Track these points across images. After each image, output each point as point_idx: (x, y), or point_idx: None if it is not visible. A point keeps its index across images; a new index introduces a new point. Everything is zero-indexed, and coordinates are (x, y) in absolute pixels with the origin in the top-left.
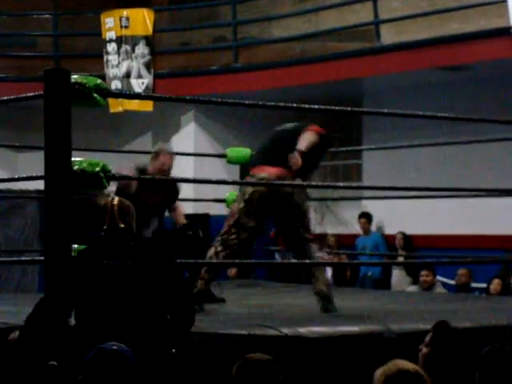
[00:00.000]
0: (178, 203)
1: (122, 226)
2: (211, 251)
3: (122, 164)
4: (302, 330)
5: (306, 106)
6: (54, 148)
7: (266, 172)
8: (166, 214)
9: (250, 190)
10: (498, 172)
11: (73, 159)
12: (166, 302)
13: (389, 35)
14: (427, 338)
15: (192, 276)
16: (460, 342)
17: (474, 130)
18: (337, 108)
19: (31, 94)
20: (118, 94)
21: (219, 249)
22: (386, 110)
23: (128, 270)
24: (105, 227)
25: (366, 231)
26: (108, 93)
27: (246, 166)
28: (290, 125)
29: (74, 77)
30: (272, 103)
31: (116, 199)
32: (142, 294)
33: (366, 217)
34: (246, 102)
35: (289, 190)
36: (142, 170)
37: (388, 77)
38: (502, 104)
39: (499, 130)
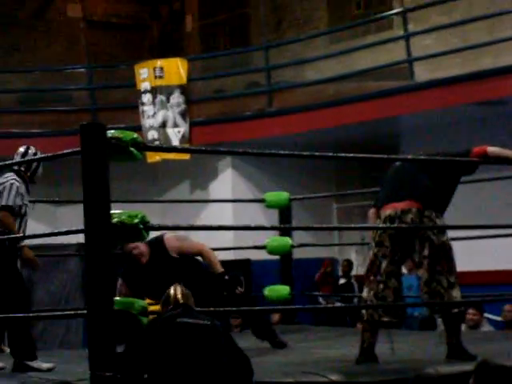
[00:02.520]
0: (199, 247)
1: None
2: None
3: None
4: (350, 376)
5: (343, 154)
6: (93, 202)
7: (391, 208)
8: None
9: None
10: None
11: (112, 212)
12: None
13: (423, 72)
14: (471, 380)
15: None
16: (506, 380)
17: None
18: (367, 156)
19: (68, 151)
20: (155, 148)
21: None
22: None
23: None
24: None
25: (411, 270)
26: (145, 147)
27: (285, 210)
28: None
29: (111, 131)
30: (306, 153)
31: (178, 287)
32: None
33: None
34: (281, 152)
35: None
36: None
37: (424, 114)
38: None
39: None
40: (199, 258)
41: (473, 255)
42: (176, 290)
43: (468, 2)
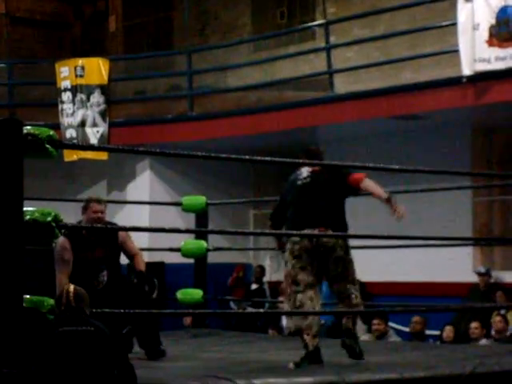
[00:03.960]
0: (137, 250)
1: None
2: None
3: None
4: (257, 382)
5: (258, 157)
6: (5, 199)
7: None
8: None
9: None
10: (452, 220)
11: (24, 209)
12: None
13: (343, 84)
14: None
15: (136, 327)
16: None
17: (427, 178)
18: (288, 160)
19: None
20: (71, 145)
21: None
22: (335, 162)
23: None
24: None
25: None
26: (61, 144)
27: (201, 214)
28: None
29: (27, 128)
30: (225, 155)
31: (72, 286)
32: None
33: None
34: (199, 153)
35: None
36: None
37: (342, 125)
38: (456, 152)
39: (455, 179)
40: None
41: (384, 265)
42: (68, 292)
43: (390, 16)
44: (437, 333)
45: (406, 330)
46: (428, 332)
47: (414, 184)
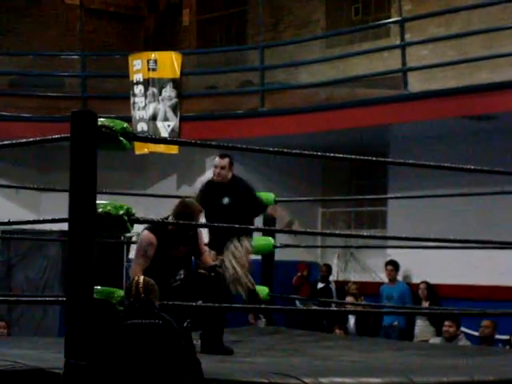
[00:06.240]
0: (205, 247)
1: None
2: None
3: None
4: (324, 381)
5: (331, 154)
6: (79, 191)
7: None
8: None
9: None
10: None
11: (97, 202)
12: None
13: (417, 83)
14: None
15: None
16: None
17: (501, 181)
18: (360, 157)
19: (58, 136)
20: (144, 138)
21: None
22: (409, 161)
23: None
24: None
25: (392, 279)
26: (134, 137)
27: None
28: None
29: (101, 120)
30: (297, 151)
31: (141, 277)
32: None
33: (392, 264)
34: (271, 149)
35: None
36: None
37: (415, 124)
38: None
39: None
40: None
41: (454, 268)
42: (138, 283)
43: (466, 15)
44: (506, 337)
45: (476, 334)
46: (497, 337)
47: (486, 186)
